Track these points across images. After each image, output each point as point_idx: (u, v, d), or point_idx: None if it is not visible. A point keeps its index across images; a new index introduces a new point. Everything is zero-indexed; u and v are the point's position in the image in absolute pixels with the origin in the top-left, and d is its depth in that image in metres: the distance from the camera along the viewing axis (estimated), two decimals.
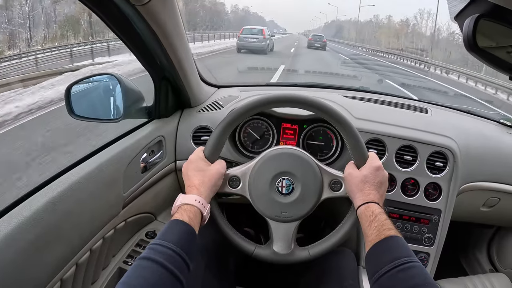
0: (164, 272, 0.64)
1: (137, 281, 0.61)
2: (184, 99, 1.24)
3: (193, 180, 0.85)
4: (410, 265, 0.68)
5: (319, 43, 23.19)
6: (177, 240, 0.70)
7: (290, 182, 0.93)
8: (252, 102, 0.92)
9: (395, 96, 1.61)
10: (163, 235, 0.71)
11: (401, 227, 1.19)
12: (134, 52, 1.00)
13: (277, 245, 0.95)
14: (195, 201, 0.79)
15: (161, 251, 0.67)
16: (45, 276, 0.77)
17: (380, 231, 0.76)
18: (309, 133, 1.23)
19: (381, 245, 0.74)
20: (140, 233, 1.23)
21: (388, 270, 0.68)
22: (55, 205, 0.77)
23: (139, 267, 0.64)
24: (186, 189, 0.84)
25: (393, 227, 0.77)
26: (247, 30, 15.35)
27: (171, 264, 0.65)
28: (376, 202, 0.83)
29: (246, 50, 14.63)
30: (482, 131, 1.41)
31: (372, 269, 0.72)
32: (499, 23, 0.63)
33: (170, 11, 0.91)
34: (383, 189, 0.88)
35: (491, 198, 1.33)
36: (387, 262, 0.69)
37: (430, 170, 1.17)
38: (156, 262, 0.64)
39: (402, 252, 0.71)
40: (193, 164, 0.87)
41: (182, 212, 0.76)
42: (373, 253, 0.74)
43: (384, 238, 0.74)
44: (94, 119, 1.08)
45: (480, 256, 1.74)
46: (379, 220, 0.78)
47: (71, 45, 13.68)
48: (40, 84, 6.17)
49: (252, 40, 14.68)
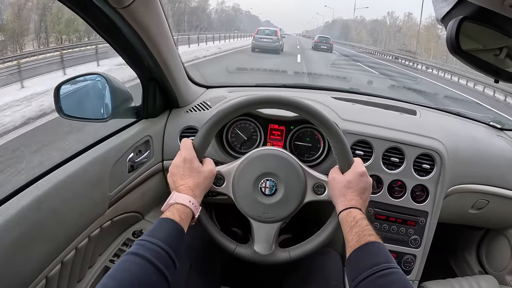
0: (150, 268, 0.64)
1: (124, 275, 0.62)
2: (172, 99, 1.24)
3: (187, 180, 0.84)
4: (389, 271, 0.68)
5: (325, 45, 21.75)
6: (166, 238, 0.70)
7: (274, 183, 0.93)
8: (234, 104, 0.93)
9: (385, 98, 1.62)
10: (153, 232, 0.71)
11: (387, 229, 1.20)
12: (120, 53, 1.00)
13: (258, 245, 0.95)
14: (189, 202, 0.80)
15: (149, 247, 0.67)
16: (30, 273, 0.77)
17: (361, 236, 0.76)
18: (297, 134, 1.23)
19: (361, 250, 0.74)
20: (127, 232, 1.23)
21: (367, 276, 0.68)
22: (40, 204, 0.78)
23: (127, 262, 0.65)
24: (178, 187, 0.83)
25: (373, 233, 0.77)
26: (262, 31, 16.50)
27: (158, 261, 0.66)
28: (358, 208, 0.83)
29: (259, 49, 15.40)
30: (471, 134, 1.41)
31: (352, 274, 0.72)
32: (485, 26, 0.63)
33: (153, 13, 0.92)
34: (366, 195, 0.88)
35: (480, 201, 1.34)
36: (366, 268, 0.69)
37: (417, 172, 1.18)
38: (144, 258, 0.65)
39: (382, 258, 0.71)
40: (187, 163, 0.87)
41: (174, 211, 0.76)
42: (353, 258, 0.75)
43: (364, 244, 0.74)
44: (83, 118, 1.08)
45: (470, 258, 1.75)
46: (360, 226, 0.78)
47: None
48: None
49: (266, 41, 15.55)
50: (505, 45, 0.68)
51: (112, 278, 0.61)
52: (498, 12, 0.53)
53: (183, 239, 0.75)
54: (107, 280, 0.61)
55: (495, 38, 0.66)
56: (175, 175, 0.86)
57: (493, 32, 0.64)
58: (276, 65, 10.92)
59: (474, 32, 0.63)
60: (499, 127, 1.56)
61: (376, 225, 1.19)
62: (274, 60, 13.26)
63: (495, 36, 0.65)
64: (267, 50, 14.98)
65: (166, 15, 0.99)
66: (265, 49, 15.11)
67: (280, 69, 9.57)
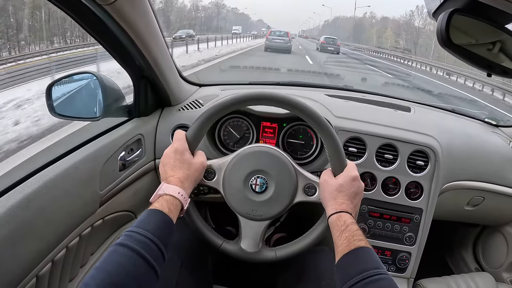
0: (139, 259, 0.64)
1: (112, 266, 0.62)
2: (163, 97, 1.24)
3: (178, 171, 0.83)
4: (378, 277, 0.67)
5: (332, 46, 21.07)
6: (155, 229, 0.69)
7: (264, 181, 0.93)
8: (229, 99, 0.92)
9: (379, 95, 1.61)
10: (141, 223, 0.70)
11: (381, 226, 1.19)
12: (109, 51, 0.99)
13: (244, 242, 0.94)
14: (178, 193, 0.79)
15: (137, 239, 0.66)
16: (20, 271, 0.77)
17: (350, 241, 0.75)
18: (289, 132, 1.23)
19: (350, 256, 0.73)
20: (119, 231, 1.22)
21: (356, 282, 0.67)
22: (29, 202, 0.77)
23: (115, 253, 0.64)
24: (168, 178, 0.82)
25: (363, 238, 0.76)
26: (274, 32, 19.18)
27: (147, 253, 0.65)
28: (348, 212, 0.82)
29: (271, 50, 17.04)
30: (466, 130, 1.41)
31: (341, 280, 0.72)
32: (477, 19, 0.62)
33: (140, 10, 0.91)
34: (357, 200, 0.87)
35: (475, 197, 1.34)
36: (355, 274, 0.69)
37: (411, 169, 1.17)
38: (132, 249, 0.64)
39: (371, 264, 0.70)
40: (178, 154, 0.86)
41: (163, 202, 0.76)
42: (342, 263, 0.74)
43: (354, 249, 0.74)
44: (75, 117, 1.09)
45: (466, 255, 1.75)
46: (350, 231, 0.77)
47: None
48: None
49: (279, 41, 17.71)
50: (498, 39, 0.67)
51: (101, 270, 0.61)
52: (490, 4, 0.53)
53: (172, 231, 0.74)
54: (95, 272, 0.60)
55: (488, 31, 0.65)
56: (166, 165, 0.85)
57: (486, 26, 0.63)
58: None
59: (466, 25, 0.63)
60: (494, 123, 1.55)
61: (370, 223, 1.19)
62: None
63: (487, 30, 0.64)
64: (279, 50, 16.63)
65: (155, 12, 0.99)
66: (278, 49, 16.79)
67: (277, 67, 9.61)
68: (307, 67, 12.35)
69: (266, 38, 18.77)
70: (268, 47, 17.47)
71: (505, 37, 0.65)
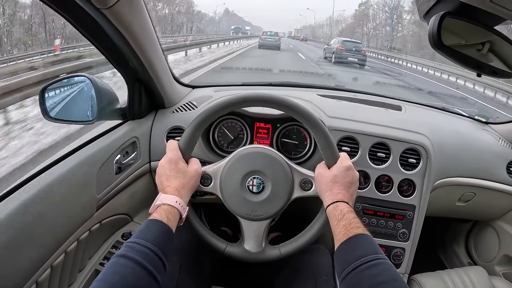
0: (141, 271, 0.64)
1: (114, 279, 0.62)
2: (157, 100, 1.23)
3: (173, 181, 0.85)
4: (377, 262, 0.69)
5: (355, 55, 13.52)
6: (155, 239, 0.70)
7: (261, 181, 0.94)
8: (218, 103, 0.93)
9: (370, 94, 1.63)
10: (141, 234, 0.71)
11: (375, 224, 1.21)
12: (104, 54, 0.99)
13: (248, 244, 0.95)
14: (175, 202, 0.80)
15: (138, 249, 0.67)
16: (20, 278, 0.76)
17: (348, 229, 0.76)
18: (283, 132, 1.24)
19: (348, 243, 0.75)
20: (116, 234, 1.22)
21: (354, 268, 0.69)
22: (27, 208, 0.77)
23: (117, 265, 0.64)
24: (165, 189, 0.83)
25: (361, 225, 0.77)
26: (266, 33, 22.43)
27: (148, 263, 0.66)
28: (345, 201, 0.83)
29: (264, 47, 20.05)
30: (457, 128, 1.43)
31: (340, 267, 0.73)
32: (467, 21, 0.64)
33: (137, 13, 0.91)
34: (353, 189, 0.89)
35: (467, 193, 1.36)
36: (353, 260, 0.70)
37: (403, 166, 1.19)
38: (134, 260, 0.64)
39: (369, 250, 0.72)
40: (172, 164, 0.87)
41: (161, 212, 0.76)
42: (340, 251, 0.75)
43: (352, 236, 0.75)
44: (69, 121, 1.07)
45: (458, 250, 1.78)
46: (347, 219, 0.78)
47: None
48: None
49: (270, 39, 20.86)
50: (487, 40, 0.69)
51: (103, 282, 0.61)
52: (479, 7, 0.54)
53: (171, 240, 0.75)
54: (97, 284, 0.60)
55: (478, 33, 0.67)
56: (161, 176, 0.87)
57: (475, 27, 0.65)
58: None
59: (457, 27, 0.64)
60: (484, 121, 1.59)
61: (364, 220, 1.20)
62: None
63: (477, 31, 0.66)
64: (271, 47, 19.82)
65: (150, 15, 0.99)
66: (269, 46, 19.95)
67: (266, 67, 9.61)
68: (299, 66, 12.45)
69: (260, 37, 21.95)
70: (262, 45, 20.37)
71: (494, 38, 0.67)
